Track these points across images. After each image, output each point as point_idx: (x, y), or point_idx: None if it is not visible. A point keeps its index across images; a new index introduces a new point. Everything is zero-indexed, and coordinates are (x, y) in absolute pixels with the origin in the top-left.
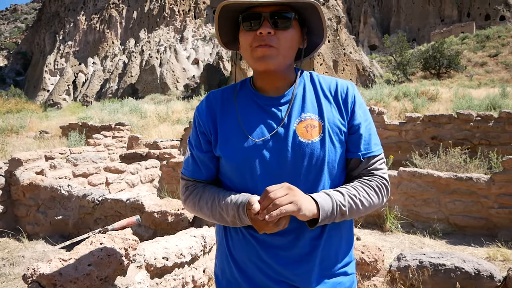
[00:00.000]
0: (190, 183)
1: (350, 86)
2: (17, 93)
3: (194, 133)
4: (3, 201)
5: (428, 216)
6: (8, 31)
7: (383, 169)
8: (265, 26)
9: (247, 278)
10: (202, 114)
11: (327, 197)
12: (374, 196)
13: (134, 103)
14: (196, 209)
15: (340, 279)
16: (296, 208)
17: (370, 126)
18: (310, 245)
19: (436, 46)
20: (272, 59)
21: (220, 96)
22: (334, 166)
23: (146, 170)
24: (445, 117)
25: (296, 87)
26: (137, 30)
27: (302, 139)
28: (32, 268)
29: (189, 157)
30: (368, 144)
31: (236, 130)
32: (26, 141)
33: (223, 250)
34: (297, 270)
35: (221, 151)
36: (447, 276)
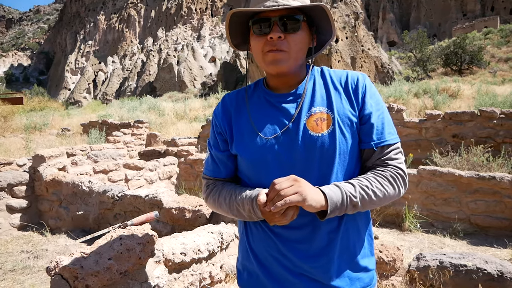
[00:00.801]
0: (210, 181)
1: (361, 76)
2: (40, 92)
3: (212, 134)
4: (27, 196)
5: (448, 215)
6: (32, 32)
7: (398, 158)
8: (275, 31)
9: (266, 271)
10: (218, 116)
11: (336, 188)
12: (388, 186)
13: (153, 101)
14: (216, 206)
15: (360, 275)
16: (301, 198)
17: (383, 116)
18: (327, 238)
19: (458, 41)
20: (283, 63)
21: (235, 98)
22: (346, 157)
23: (164, 167)
24: (467, 114)
25: (306, 83)
26: (155, 29)
27: (312, 133)
28: (55, 261)
29: (208, 157)
30: (381, 134)
31: (249, 128)
32: (49, 138)
33: (244, 245)
34: (316, 263)
35: (236, 149)
36: (469, 277)
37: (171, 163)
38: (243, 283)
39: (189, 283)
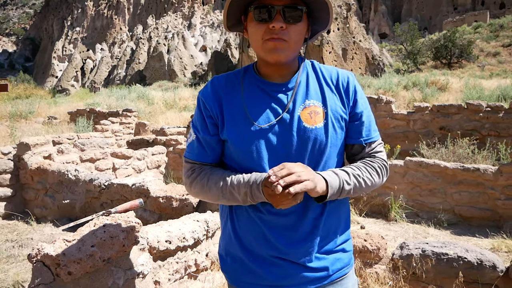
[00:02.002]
0: (196, 166)
1: (351, 77)
2: (26, 79)
3: (200, 117)
4: (12, 184)
5: (433, 206)
6: (17, 17)
7: (382, 151)
8: (278, 20)
9: (251, 256)
10: (208, 98)
11: (334, 175)
12: (375, 175)
13: (142, 90)
14: (204, 190)
15: (339, 255)
16: (313, 185)
17: (370, 114)
18: (312, 224)
19: (448, 35)
20: (283, 52)
21: (224, 81)
22: (335, 150)
23: (152, 156)
24: (454, 107)
25: (300, 74)
26: (145, 16)
27: (306, 125)
28: (36, 248)
29: (194, 141)
30: (369, 131)
31: (242, 115)
32: (35, 126)
33: (227, 231)
34: (300, 249)
35: (228, 136)
36: (450, 265)
37: (160, 152)
38: (227, 268)
39: (174, 271)
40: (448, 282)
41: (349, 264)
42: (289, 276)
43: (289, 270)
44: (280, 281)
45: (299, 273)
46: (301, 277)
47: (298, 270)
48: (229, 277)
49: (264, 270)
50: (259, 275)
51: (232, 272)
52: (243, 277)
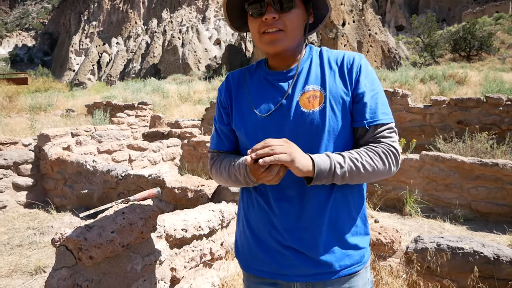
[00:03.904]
0: (214, 154)
1: (357, 56)
2: (44, 73)
3: (217, 109)
4: (33, 174)
5: (449, 201)
6: (36, 12)
7: (392, 137)
8: (269, 12)
9: (259, 242)
10: (222, 92)
11: (325, 157)
12: (378, 161)
13: (157, 83)
14: (218, 175)
15: (350, 252)
16: (289, 158)
17: (378, 96)
18: (315, 213)
19: (468, 26)
20: (280, 42)
21: (237, 76)
22: (336, 134)
23: (167, 148)
24: (473, 100)
25: (301, 61)
26: (159, 10)
27: (303, 109)
28: (60, 233)
29: (213, 132)
30: (374, 113)
31: (247, 106)
32: (54, 119)
33: (241, 218)
34: (302, 237)
35: (234, 124)
36: (465, 260)
37: (175, 144)
38: (239, 254)
39: (190, 259)
40: (463, 277)
41: (361, 262)
42: (293, 266)
43: (293, 260)
44: (284, 270)
45: (303, 264)
46: (305, 269)
47: (302, 261)
48: (241, 262)
49: (270, 258)
50: (265, 262)
51: (243, 258)
52: (251, 263)
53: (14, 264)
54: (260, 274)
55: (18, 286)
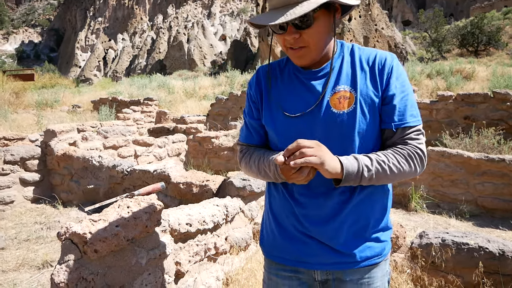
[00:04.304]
0: (243, 147)
1: (389, 57)
2: (51, 69)
3: (247, 103)
4: (39, 170)
5: (455, 197)
6: (42, 8)
7: (419, 139)
8: (289, 33)
9: (282, 230)
10: (252, 86)
11: (353, 160)
12: (404, 163)
13: (162, 79)
14: (247, 168)
15: (371, 244)
16: (319, 161)
17: (407, 98)
18: (338, 207)
19: (476, 21)
20: (305, 58)
21: (267, 70)
22: (365, 135)
23: (173, 144)
24: (480, 96)
25: (333, 60)
26: (165, 6)
27: (334, 110)
28: (65, 227)
29: (243, 126)
30: (402, 115)
31: (276, 103)
32: (60, 114)
33: (267, 208)
34: (323, 229)
35: (264, 121)
36: (470, 255)
37: (180, 140)
38: (263, 241)
39: (194, 253)
40: (468, 272)
41: (381, 254)
42: (314, 254)
43: (315, 249)
44: (305, 257)
45: (324, 253)
46: (326, 257)
47: (323, 250)
48: (264, 249)
49: (292, 246)
50: (287, 250)
51: (267, 245)
52: (274, 250)
53: (21, 258)
54: (282, 261)
55: (26, 279)
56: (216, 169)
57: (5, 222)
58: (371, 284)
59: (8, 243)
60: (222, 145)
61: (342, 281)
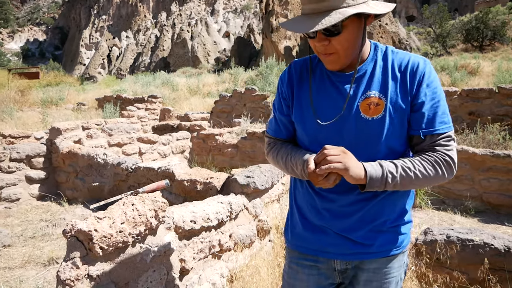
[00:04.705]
0: (271, 140)
1: (422, 63)
2: (55, 67)
3: (277, 98)
4: (45, 167)
5: (460, 193)
6: (46, 6)
7: (449, 146)
8: (319, 40)
9: (304, 221)
10: (284, 82)
11: (378, 167)
12: (431, 170)
13: (166, 76)
14: (275, 162)
15: (390, 236)
16: (343, 167)
17: (438, 105)
18: (360, 204)
19: (480, 16)
20: (335, 63)
21: (299, 67)
22: (392, 142)
23: (177, 141)
24: (485, 91)
25: (364, 64)
26: (168, 3)
27: (363, 115)
28: (71, 224)
29: (272, 118)
30: (431, 123)
31: (307, 104)
32: (65, 112)
33: (291, 198)
34: (344, 223)
35: (295, 120)
36: (475, 251)
37: (184, 137)
38: (287, 231)
39: (198, 250)
40: (473, 269)
41: (400, 246)
42: (334, 244)
43: (335, 240)
44: (326, 247)
45: (344, 244)
46: (346, 248)
47: (343, 240)
48: (287, 239)
49: (314, 236)
50: (309, 240)
51: (290, 235)
52: (297, 240)
53: (27, 255)
54: (303, 251)
55: (32, 276)
56: (220, 166)
57: (11, 219)
58: (388, 274)
59: (14, 240)
60: (226, 142)
61: (360, 270)
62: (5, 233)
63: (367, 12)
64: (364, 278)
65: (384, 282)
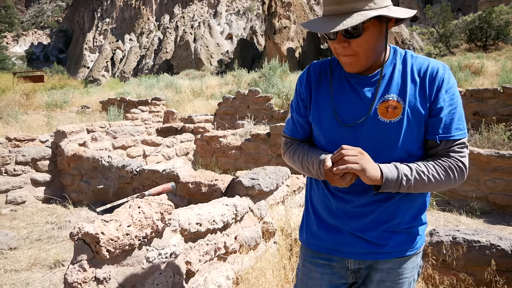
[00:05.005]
0: (288, 140)
1: (441, 69)
2: (60, 70)
3: (295, 99)
4: (50, 170)
5: (465, 194)
6: (50, 10)
7: (462, 152)
8: (339, 40)
9: (319, 220)
10: (302, 83)
11: (394, 169)
12: (444, 175)
13: (169, 79)
14: (291, 162)
15: (405, 237)
16: (360, 168)
17: (455, 111)
18: (375, 205)
19: (484, 15)
20: (354, 65)
21: (318, 69)
22: (409, 145)
23: (181, 143)
24: (489, 91)
25: (384, 68)
26: (171, 6)
27: (381, 118)
28: (77, 227)
29: (289, 119)
30: (447, 129)
31: (326, 106)
32: (69, 115)
33: (307, 197)
34: (359, 223)
35: (312, 121)
36: (482, 253)
37: (188, 139)
38: (302, 230)
39: (204, 252)
40: (480, 270)
41: (414, 247)
42: (348, 244)
43: (349, 239)
44: (340, 247)
45: (358, 243)
46: (360, 248)
47: (357, 240)
48: (302, 237)
49: (328, 235)
50: (323, 239)
51: (305, 233)
52: (311, 239)
53: (33, 258)
54: (318, 249)
55: (38, 279)
56: (224, 168)
57: (17, 222)
58: (401, 274)
59: (21, 243)
60: (230, 144)
61: (373, 270)
62: (11, 235)
63: (388, 15)
64: (377, 278)
65: (397, 282)
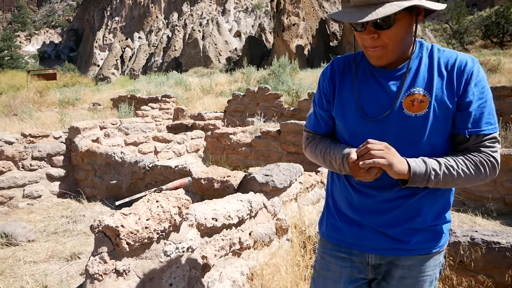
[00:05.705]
0: (310, 134)
1: (470, 62)
2: (71, 68)
3: (318, 93)
4: (65, 165)
5: (481, 194)
6: (61, 9)
7: (493, 147)
8: (369, 31)
9: (340, 214)
10: (325, 78)
11: (421, 163)
12: (474, 170)
13: (179, 76)
14: (313, 156)
15: (428, 234)
16: (387, 163)
17: (485, 105)
18: (399, 201)
19: (501, 11)
20: (382, 58)
21: (342, 64)
22: (435, 140)
23: (191, 140)
24: (507, 89)
25: (410, 61)
26: (180, 4)
27: (406, 112)
28: (98, 220)
29: (312, 113)
30: (477, 123)
31: (351, 100)
32: (81, 112)
33: (328, 191)
34: (379, 219)
35: (336, 115)
36: (502, 255)
37: (198, 136)
38: (322, 223)
39: (219, 247)
40: (500, 272)
41: (437, 245)
42: (369, 238)
43: (371, 234)
44: (360, 241)
45: (379, 238)
46: (381, 243)
47: (379, 235)
48: (321, 230)
49: (349, 229)
50: (344, 232)
51: (324, 226)
52: (332, 232)
53: (51, 250)
54: (338, 243)
55: (56, 270)
56: (234, 165)
57: (33, 215)
58: (422, 272)
59: (38, 236)
60: (240, 141)
61: (394, 266)
62: (29, 228)
63: (422, 5)
64: (398, 275)
65: (418, 280)
